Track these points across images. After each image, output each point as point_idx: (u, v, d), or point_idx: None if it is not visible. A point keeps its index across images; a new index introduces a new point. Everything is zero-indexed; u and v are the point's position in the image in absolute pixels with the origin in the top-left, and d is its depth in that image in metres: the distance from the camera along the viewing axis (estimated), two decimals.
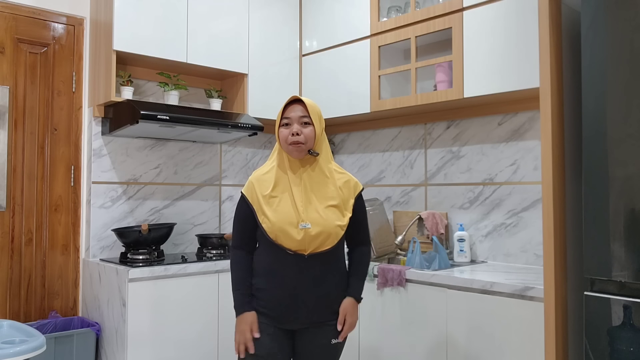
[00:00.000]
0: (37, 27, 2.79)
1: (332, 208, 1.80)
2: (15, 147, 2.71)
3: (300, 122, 1.80)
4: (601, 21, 1.66)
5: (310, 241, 1.77)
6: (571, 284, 1.85)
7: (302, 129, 1.79)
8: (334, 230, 1.79)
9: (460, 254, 2.69)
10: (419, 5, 2.85)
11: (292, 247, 1.78)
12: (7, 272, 2.67)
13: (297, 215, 1.77)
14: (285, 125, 1.82)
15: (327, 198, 1.81)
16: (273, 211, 1.78)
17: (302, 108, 1.81)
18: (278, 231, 1.76)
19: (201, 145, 3.27)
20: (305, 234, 1.76)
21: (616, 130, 1.62)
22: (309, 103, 1.82)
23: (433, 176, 3.00)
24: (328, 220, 1.78)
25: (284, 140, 1.81)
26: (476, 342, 2.15)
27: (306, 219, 1.77)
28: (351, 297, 1.87)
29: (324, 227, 1.77)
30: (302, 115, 1.80)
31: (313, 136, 1.81)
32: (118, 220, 2.92)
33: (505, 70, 2.37)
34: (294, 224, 1.76)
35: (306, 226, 1.76)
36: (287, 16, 3.33)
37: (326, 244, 1.79)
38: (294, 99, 1.84)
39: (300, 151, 1.80)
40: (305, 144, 1.79)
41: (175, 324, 2.59)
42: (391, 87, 3.04)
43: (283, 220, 1.76)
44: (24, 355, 1.96)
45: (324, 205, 1.80)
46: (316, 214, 1.77)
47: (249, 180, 1.88)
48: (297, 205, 1.78)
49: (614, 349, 1.60)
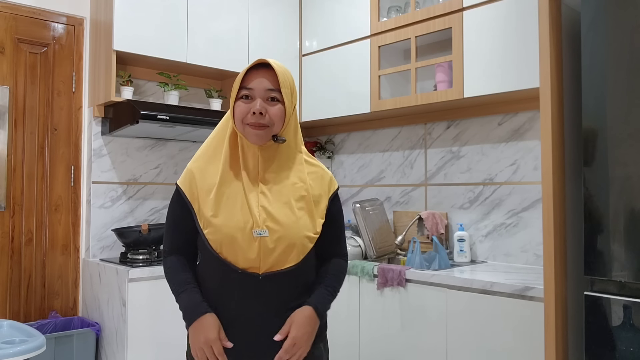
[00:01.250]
0: (37, 27, 2.79)
1: (300, 211, 1.35)
2: (15, 147, 2.71)
3: (265, 97, 1.31)
4: (601, 21, 1.65)
5: (266, 255, 1.30)
6: (571, 284, 1.85)
7: (268, 107, 1.31)
8: (300, 240, 1.32)
9: (460, 254, 2.69)
10: (419, 5, 2.85)
11: (240, 263, 1.30)
12: (7, 272, 2.67)
13: (251, 219, 1.30)
14: (244, 98, 1.33)
15: (294, 197, 1.35)
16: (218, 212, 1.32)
17: (269, 77, 1.32)
18: (223, 240, 1.30)
19: (201, 145, 3.26)
20: (261, 244, 1.29)
21: (616, 130, 1.62)
22: (281, 70, 1.32)
23: (433, 176, 3.00)
24: (293, 226, 1.32)
25: (240, 119, 1.32)
26: (476, 342, 2.15)
27: (263, 225, 1.30)
28: (308, 306, 1.34)
29: (286, 235, 1.31)
30: (270, 89, 1.31)
31: (282, 117, 1.33)
32: (118, 220, 2.92)
33: (505, 70, 2.37)
34: (245, 231, 1.29)
35: (262, 234, 1.29)
36: (287, 16, 3.33)
37: (289, 260, 1.32)
38: (260, 63, 1.33)
39: (262, 137, 1.32)
40: (270, 128, 1.32)
41: (175, 324, 2.58)
42: (391, 87, 3.04)
43: (230, 225, 1.30)
44: (24, 355, 1.96)
45: (288, 206, 1.34)
46: (278, 217, 1.31)
47: (187, 169, 1.41)
48: (250, 206, 1.31)
49: (614, 349, 1.60)
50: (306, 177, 1.38)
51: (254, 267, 1.30)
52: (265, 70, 1.33)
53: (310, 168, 1.41)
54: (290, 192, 1.35)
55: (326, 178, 1.43)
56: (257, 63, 1.33)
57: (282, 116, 1.33)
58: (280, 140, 1.35)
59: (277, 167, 1.37)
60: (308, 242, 1.34)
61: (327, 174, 1.44)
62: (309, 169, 1.41)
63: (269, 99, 1.32)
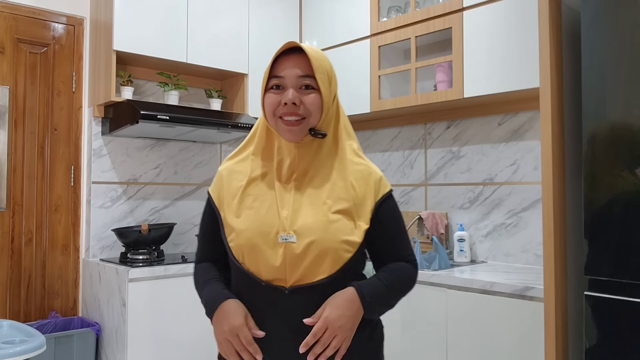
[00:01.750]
0: (37, 27, 2.79)
1: (337, 214, 1.14)
2: (15, 147, 2.71)
3: (299, 86, 1.15)
4: (601, 21, 1.65)
5: (293, 264, 1.11)
6: (571, 284, 1.85)
7: (302, 96, 1.14)
8: (335, 247, 1.11)
9: (460, 254, 2.69)
10: (419, 5, 2.85)
11: (264, 273, 1.12)
12: (7, 272, 2.67)
13: (278, 223, 1.13)
14: (274, 89, 1.16)
15: (332, 198, 1.16)
16: (241, 216, 1.16)
17: (302, 62, 1.15)
18: (244, 246, 1.13)
19: (201, 145, 3.26)
20: (286, 251, 1.11)
21: (616, 130, 1.62)
22: (315, 54, 1.15)
23: (433, 176, 3.00)
24: (326, 231, 1.12)
25: (271, 112, 1.16)
26: (476, 342, 2.15)
27: (289, 228, 1.12)
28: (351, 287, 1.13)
29: (317, 242, 1.10)
30: (303, 75, 1.14)
31: (319, 107, 1.15)
32: (118, 220, 2.92)
33: (505, 70, 2.37)
34: (269, 236, 1.12)
35: (288, 239, 1.11)
36: (287, 16, 3.33)
37: (321, 271, 1.11)
38: (291, 47, 1.16)
39: (297, 133, 1.15)
40: (306, 120, 1.15)
41: (175, 324, 2.59)
42: (391, 87, 3.04)
43: (253, 229, 1.13)
44: (24, 355, 1.96)
45: (323, 208, 1.14)
46: (308, 220, 1.13)
47: (218, 172, 1.26)
48: (279, 207, 1.15)
49: (614, 349, 1.60)
50: (349, 176, 1.19)
51: (280, 279, 1.11)
52: (297, 56, 1.15)
53: (355, 167, 1.21)
54: (328, 193, 1.17)
55: (373, 177, 1.22)
56: (287, 47, 1.15)
57: (319, 106, 1.15)
58: (319, 135, 1.17)
59: (316, 165, 1.19)
60: (345, 250, 1.12)
61: (375, 174, 1.23)
62: (353, 168, 1.20)
63: (303, 87, 1.15)
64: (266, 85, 1.17)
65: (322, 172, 1.19)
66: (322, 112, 1.16)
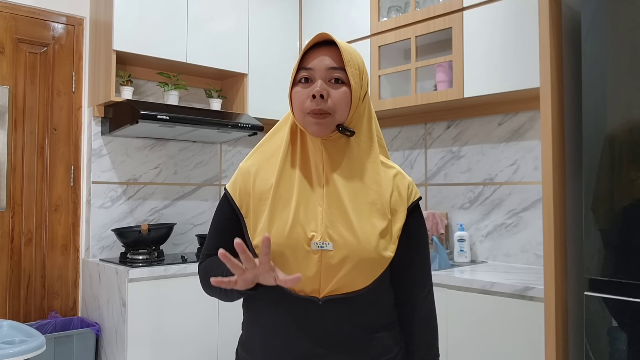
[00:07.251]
0: (37, 27, 2.79)
1: (374, 221, 1.07)
2: (15, 147, 2.71)
3: (328, 78, 1.08)
4: (601, 21, 1.65)
5: (328, 274, 1.04)
6: (571, 284, 1.85)
7: (331, 90, 1.07)
8: (373, 258, 1.05)
9: (461, 254, 2.69)
10: (419, 5, 2.85)
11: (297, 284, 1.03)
12: (7, 272, 2.67)
13: (312, 227, 1.06)
14: (303, 82, 1.09)
15: (366, 203, 1.09)
16: (268, 219, 1.08)
17: (332, 55, 1.09)
18: (274, 252, 1.05)
19: (201, 145, 3.26)
20: (322, 260, 1.04)
21: (616, 130, 1.62)
22: (346, 47, 1.10)
23: (433, 176, 3.00)
24: (366, 239, 1.05)
25: (300, 108, 1.09)
26: (476, 342, 2.15)
27: (326, 236, 1.05)
28: None
29: (356, 251, 1.04)
30: (333, 67, 1.08)
31: (347, 102, 1.08)
32: (118, 220, 2.92)
33: (505, 70, 2.37)
34: (302, 242, 1.05)
35: (324, 246, 1.04)
36: (287, 16, 3.32)
37: (358, 281, 1.06)
38: (322, 40, 1.11)
39: (323, 126, 1.08)
40: (332, 116, 1.08)
41: (175, 324, 2.59)
42: (391, 87, 3.04)
43: (284, 234, 1.05)
44: (24, 355, 1.96)
45: (360, 214, 1.07)
46: (346, 227, 1.06)
47: (239, 169, 1.18)
48: (312, 211, 1.07)
49: (614, 349, 1.60)
50: (381, 180, 1.11)
51: (313, 290, 1.05)
52: (327, 48, 1.10)
53: (388, 171, 1.14)
54: (363, 198, 1.09)
55: (405, 182, 1.15)
56: (319, 40, 1.10)
57: (347, 101, 1.08)
58: (347, 132, 1.09)
59: (347, 165, 1.10)
60: (382, 261, 1.06)
61: (405, 178, 1.16)
62: (386, 172, 1.13)
63: (332, 80, 1.08)
64: (294, 78, 1.11)
65: (355, 174, 1.11)
66: (350, 107, 1.09)
